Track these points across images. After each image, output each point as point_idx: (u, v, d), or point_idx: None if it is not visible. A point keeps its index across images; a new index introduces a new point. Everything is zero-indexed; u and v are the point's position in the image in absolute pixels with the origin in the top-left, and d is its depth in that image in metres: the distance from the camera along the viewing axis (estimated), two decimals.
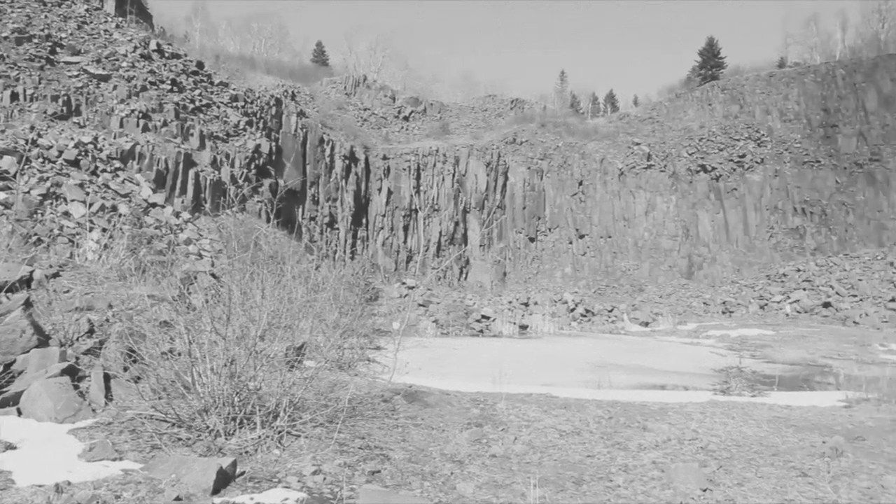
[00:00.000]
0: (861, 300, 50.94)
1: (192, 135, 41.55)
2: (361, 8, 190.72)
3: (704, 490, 6.88)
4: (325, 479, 6.19)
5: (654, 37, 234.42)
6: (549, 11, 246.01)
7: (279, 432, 7.15)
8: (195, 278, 15.02)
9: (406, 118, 78.42)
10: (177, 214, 34.72)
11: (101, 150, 33.99)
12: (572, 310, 48.93)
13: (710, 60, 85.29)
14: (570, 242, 67.71)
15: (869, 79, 66.78)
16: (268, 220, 41.64)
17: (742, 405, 13.43)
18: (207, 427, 6.96)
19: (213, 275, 20.98)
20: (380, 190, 63.68)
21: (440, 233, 65.38)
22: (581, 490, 6.82)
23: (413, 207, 64.88)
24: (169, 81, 42.65)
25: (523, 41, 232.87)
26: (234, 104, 48.74)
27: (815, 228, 64.61)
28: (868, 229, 62.21)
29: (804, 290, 55.16)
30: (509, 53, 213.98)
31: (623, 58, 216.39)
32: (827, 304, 51.14)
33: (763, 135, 69.15)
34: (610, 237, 66.63)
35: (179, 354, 7.83)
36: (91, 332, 9.17)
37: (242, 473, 6.08)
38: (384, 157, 65.02)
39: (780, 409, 13.07)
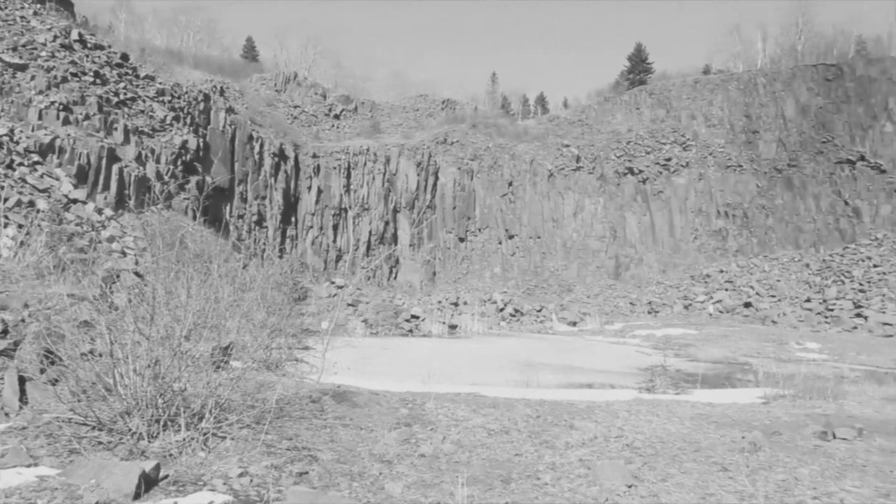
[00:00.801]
0: (779, 300, 52.77)
1: (116, 129, 40.39)
2: (293, 4, 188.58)
3: (629, 486, 7.01)
4: (251, 481, 6.10)
5: (585, 40, 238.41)
6: (481, 13, 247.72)
7: (205, 434, 7.01)
8: (118, 277, 14.63)
9: (337, 116, 77.87)
10: (99, 211, 33.72)
11: (17, 143, 32.72)
12: (501, 310, 49.33)
13: (639, 65, 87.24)
14: (500, 243, 68.27)
15: (788, 88, 69.26)
16: (194, 218, 40.81)
17: (666, 403, 13.77)
18: (130, 430, 6.77)
19: (137, 273, 20.45)
20: (309, 188, 63.08)
21: (370, 232, 65.14)
22: (509, 488, 6.87)
23: (343, 206, 64.47)
24: (91, 73, 41.34)
25: (456, 42, 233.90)
26: (161, 99, 47.59)
27: (737, 231, 66.67)
28: (786, 232, 64.51)
29: (726, 290, 56.88)
30: (441, 54, 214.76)
31: (554, 61, 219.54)
32: (748, 304, 52.81)
33: (688, 139, 70.99)
34: (539, 238, 67.42)
35: (100, 355, 7.59)
36: (5, 332, 8.82)
37: (166, 477, 5.93)
38: (314, 156, 64.43)
39: (703, 406, 13.46)
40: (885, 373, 25.26)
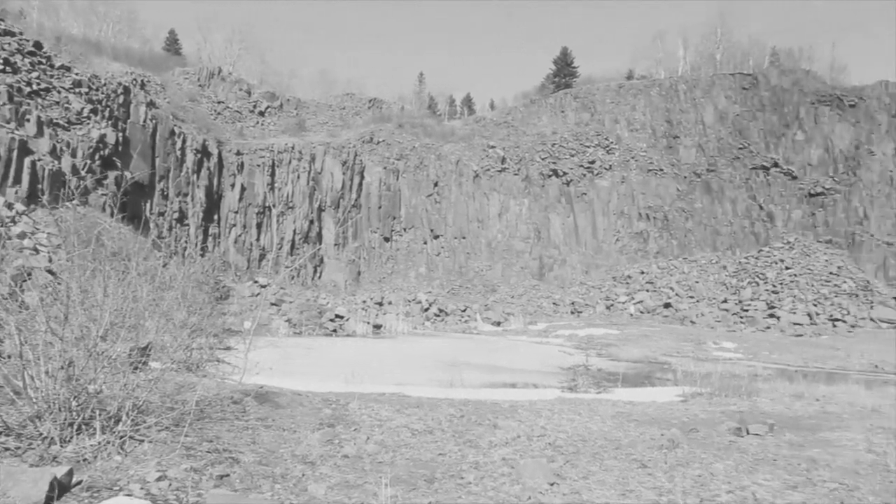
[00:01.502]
0: (698, 301, 54.32)
1: (28, 120, 38.87)
2: None
3: (552, 484, 7.10)
4: (170, 484, 5.95)
5: (512, 43, 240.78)
6: (408, 12, 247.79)
7: (121, 437, 6.81)
8: (29, 275, 14.12)
9: (262, 113, 76.70)
10: (9, 206, 32.39)
11: None
12: (426, 309, 49.43)
13: (564, 69, 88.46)
14: (425, 243, 68.37)
15: (707, 95, 71.34)
16: (112, 215, 39.59)
17: (588, 402, 14.03)
18: (40, 434, 6.53)
19: (50, 271, 19.75)
20: (233, 186, 61.99)
21: (294, 231, 64.39)
22: (433, 488, 6.88)
23: (267, 204, 63.56)
24: (1, 61, 39.70)
25: (383, 41, 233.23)
26: (78, 90, 46.00)
27: (658, 233, 68.32)
28: (704, 234, 66.43)
29: (647, 291, 58.24)
30: (369, 53, 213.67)
31: (481, 62, 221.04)
32: (667, 305, 54.19)
33: (612, 143, 72.41)
34: (464, 238, 67.77)
35: (9, 357, 7.30)
36: None
37: (79, 483, 5.73)
38: (238, 153, 63.33)
39: (624, 404, 13.77)
40: (794, 371, 26.30)
